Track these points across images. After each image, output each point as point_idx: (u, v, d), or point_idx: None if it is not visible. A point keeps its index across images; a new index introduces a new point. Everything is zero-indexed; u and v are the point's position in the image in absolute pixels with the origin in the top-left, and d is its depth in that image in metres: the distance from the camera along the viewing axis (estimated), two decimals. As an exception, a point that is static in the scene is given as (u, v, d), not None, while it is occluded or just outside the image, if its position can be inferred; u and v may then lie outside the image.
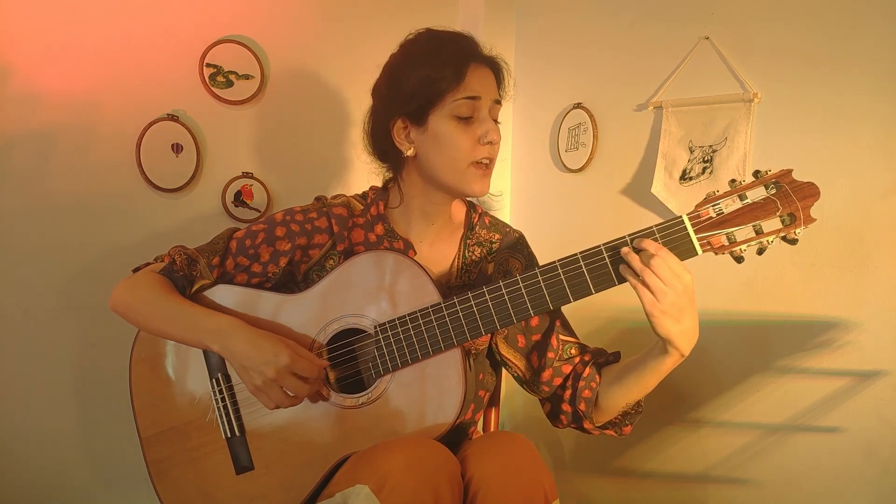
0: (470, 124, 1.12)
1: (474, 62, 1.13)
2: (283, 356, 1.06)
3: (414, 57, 1.15)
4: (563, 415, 1.20)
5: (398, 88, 1.15)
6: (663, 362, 1.03)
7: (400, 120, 1.16)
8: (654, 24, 1.65)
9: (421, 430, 1.08)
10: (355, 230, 1.23)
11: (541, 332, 1.22)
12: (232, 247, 1.20)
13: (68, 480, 1.72)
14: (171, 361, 1.21)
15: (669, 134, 1.58)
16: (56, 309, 1.66)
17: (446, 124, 1.12)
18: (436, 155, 1.14)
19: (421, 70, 1.12)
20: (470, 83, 1.11)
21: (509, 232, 1.30)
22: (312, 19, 1.86)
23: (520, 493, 0.98)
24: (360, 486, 0.95)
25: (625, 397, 1.12)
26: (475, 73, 1.12)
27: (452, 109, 1.11)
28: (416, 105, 1.12)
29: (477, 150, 1.13)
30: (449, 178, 1.15)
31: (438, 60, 1.11)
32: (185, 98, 1.73)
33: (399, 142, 1.17)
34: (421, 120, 1.13)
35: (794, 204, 0.93)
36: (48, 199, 1.64)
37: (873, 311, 1.27)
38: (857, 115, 1.28)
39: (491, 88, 1.15)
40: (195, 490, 1.18)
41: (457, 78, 1.10)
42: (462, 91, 1.11)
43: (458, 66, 1.11)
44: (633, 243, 0.97)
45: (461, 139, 1.12)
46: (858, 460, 1.30)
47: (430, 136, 1.13)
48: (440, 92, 1.11)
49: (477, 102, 1.12)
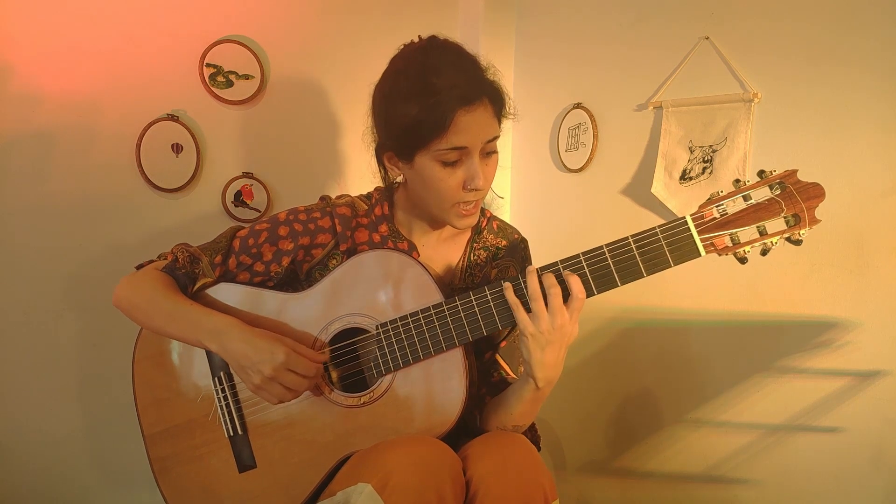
0: (456, 168, 1.08)
1: (462, 107, 1.04)
2: (279, 354, 1.06)
3: (401, 92, 1.08)
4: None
5: (385, 122, 1.13)
6: (523, 387, 1.09)
7: (388, 153, 1.16)
8: (654, 23, 1.65)
9: (423, 429, 1.08)
10: (359, 230, 1.23)
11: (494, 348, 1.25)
12: (235, 245, 1.20)
13: (70, 480, 1.71)
14: (174, 359, 1.21)
15: (669, 134, 1.59)
16: (56, 309, 1.66)
17: (431, 167, 1.08)
18: (421, 190, 1.14)
19: (407, 109, 1.06)
20: (456, 133, 1.04)
21: (516, 240, 1.30)
22: (312, 19, 1.86)
23: (519, 492, 0.98)
24: (362, 485, 0.95)
25: (494, 416, 1.17)
26: (463, 120, 1.04)
27: (437, 156, 1.07)
28: (401, 145, 1.11)
29: (461, 194, 1.10)
30: (435, 212, 1.16)
31: (424, 104, 1.04)
32: (185, 98, 1.73)
33: (390, 168, 1.19)
34: (408, 157, 1.11)
35: (799, 205, 0.93)
36: (48, 200, 1.63)
37: (873, 311, 1.27)
38: (857, 115, 1.28)
39: (483, 131, 1.07)
40: (198, 488, 1.18)
41: (441, 128, 1.03)
42: (447, 141, 1.05)
43: (443, 116, 1.03)
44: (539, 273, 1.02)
45: (446, 183, 1.09)
46: (858, 460, 1.30)
47: (416, 173, 1.12)
48: (424, 139, 1.06)
49: (463, 151, 1.07)
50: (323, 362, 1.12)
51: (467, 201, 1.12)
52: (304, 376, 1.08)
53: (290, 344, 1.09)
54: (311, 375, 1.09)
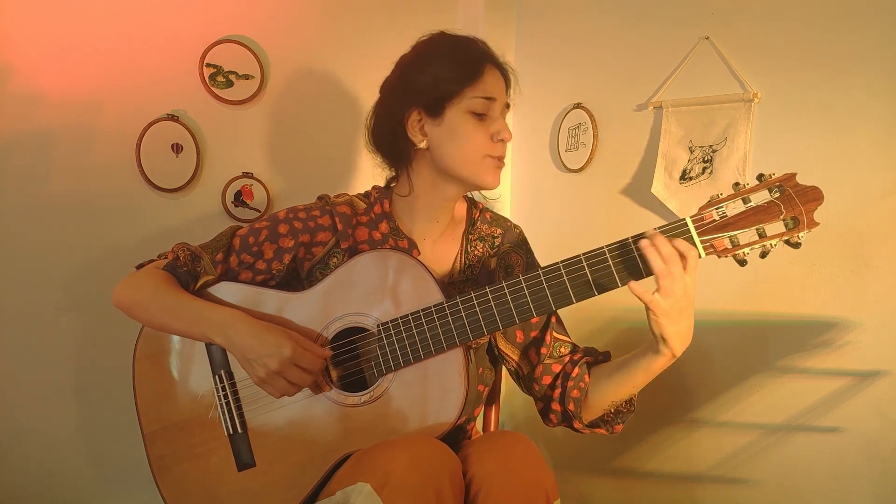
0: (483, 121, 1.15)
1: (490, 64, 1.17)
2: (286, 348, 1.06)
3: (431, 54, 1.18)
4: (553, 414, 1.22)
5: (414, 82, 1.17)
6: (654, 361, 1.04)
7: (416, 112, 1.17)
8: (654, 24, 1.65)
9: (422, 429, 1.08)
10: (359, 228, 1.23)
11: (538, 329, 1.23)
12: (235, 244, 1.20)
13: (69, 480, 1.71)
14: (175, 358, 1.21)
15: (669, 134, 1.59)
16: (56, 309, 1.66)
17: (462, 118, 1.14)
18: (451, 147, 1.15)
19: (439, 65, 1.15)
20: (487, 83, 1.14)
21: (510, 227, 1.31)
22: (312, 19, 1.87)
23: (521, 492, 0.98)
24: (361, 484, 0.95)
25: (613, 395, 1.13)
26: (491, 74, 1.16)
27: (469, 105, 1.13)
28: (433, 97, 1.14)
29: (491, 146, 1.15)
30: (463, 170, 1.16)
31: (457, 58, 1.15)
32: (185, 98, 1.73)
33: (412, 133, 1.18)
34: (437, 112, 1.15)
35: (798, 208, 0.93)
36: (48, 199, 1.63)
37: (873, 311, 1.27)
38: (857, 115, 1.28)
39: (503, 92, 1.19)
40: (197, 486, 1.18)
41: (475, 75, 1.13)
42: (479, 89, 1.13)
43: (476, 65, 1.14)
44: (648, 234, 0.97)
45: (476, 134, 1.14)
46: (858, 460, 1.30)
47: (445, 128, 1.15)
48: (459, 87, 1.13)
49: (492, 103, 1.15)
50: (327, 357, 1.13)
51: (497, 155, 1.16)
52: (309, 371, 1.09)
53: (296, 338, 1.09)
54: (316, 371, 1.09)
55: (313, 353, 1.09)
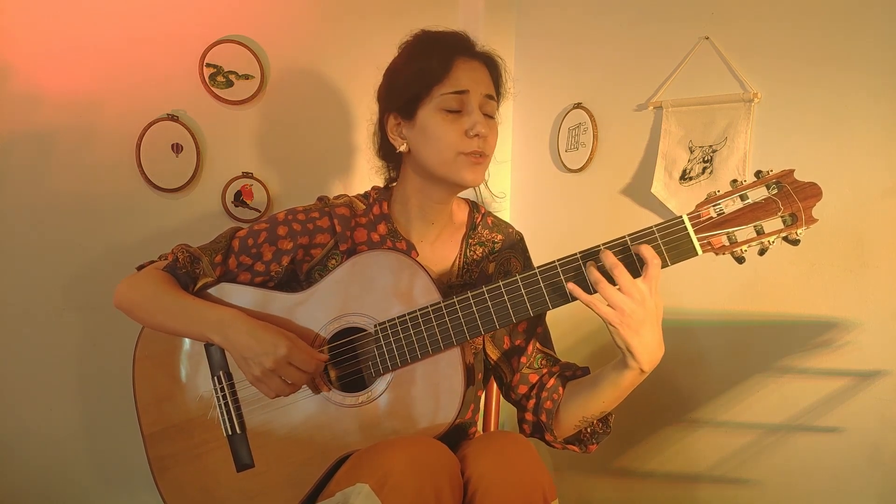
0: (458, 117, 1.12)
1: (462, 56, 1.13)
2: (281, 347, 1.07)
3: (406, 55, 1.18)
4: (526, 424, 1.22)
5: (390, 86, 1.18)
6: (622, 376, 1.03)
7: (392, 116, 1.17)
8: (654, 24, 1.65)
9: (421, 429, 1.08)
10: (358, 230, 1.23)
11: (522, 337, 1.24)
12: (234, 245, 1.20)
13: (69, 480, 1.71)
14: (175, 359, 1.21)
15: (669, 134, 1.58)
16: (56, 309, 1.66)
17: (433, 117, 1.12)
18: (425, 148, 1.14)
19: (411, 64, 1.15)
20: (457, 77, 1.12)
21: (511, 233, 1.31)
22: (312, 19, 1.86)
23: (519, 492, 0.98)
24: (360, 485, 0.95)
25: (583, 409, 1.12)
26: (463, 66, 1.13)
27: (440, 103, 1.12)
28: (405, 100, 1.14)
29: (464, 143, 1.12)
30: (441, 170, 1.14)
31: (426, 54, 1.14)
32: (185, 98, 1.73)
33: (392, 138, 1.19)
34: (410, 114, 1.14)
35: (796, 204, 0.93)
36: (48, 199, 1.63)
37: (873, 311, 1.27)
38: (857, 115, 1.28)
39: (481, 83, 1.14)
40: (196, 487, 1.18)
41: (443, 71, 1.11)
42: (449, 85, 1.11)
43: (444, 60, 1.12)
44: (600, 256, 0.97)
45: (447, 131, 1.12)
46: (858, 460, 1.30)
47: (418, 130, 1.14)
48: (427, 85, 1.12)
49: (465, 97, 1.12)
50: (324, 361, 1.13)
51: (473, 151, 1.12)
52: (304, 371, 1.09)
53: (292, 338, 1.09)
54: (311, 371, 1.09)
55: (309, 355, 1.09)
